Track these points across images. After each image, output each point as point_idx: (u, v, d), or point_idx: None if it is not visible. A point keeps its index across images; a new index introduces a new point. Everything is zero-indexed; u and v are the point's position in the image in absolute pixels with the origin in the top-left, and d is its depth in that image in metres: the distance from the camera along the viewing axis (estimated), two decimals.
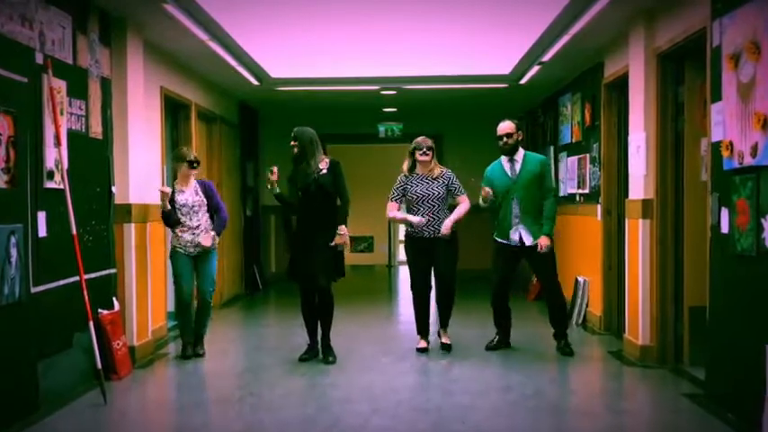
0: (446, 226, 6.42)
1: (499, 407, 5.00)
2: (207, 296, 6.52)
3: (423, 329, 6.72)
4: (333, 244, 6.10)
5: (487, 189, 6.45)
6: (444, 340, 6.73)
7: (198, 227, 6.39)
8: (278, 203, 6.48)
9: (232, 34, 6.93)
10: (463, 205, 6.56)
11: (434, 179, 6.55)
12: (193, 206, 6.38)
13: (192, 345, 6.50)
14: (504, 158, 6.56)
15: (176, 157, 6.58)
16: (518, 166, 6.48)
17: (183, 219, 6.35)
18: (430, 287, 6.67)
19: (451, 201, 6.64)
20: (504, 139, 6.47)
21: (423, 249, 6.53)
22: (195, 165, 6.50)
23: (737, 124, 4.49)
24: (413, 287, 6.68)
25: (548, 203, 6.47)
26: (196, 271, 6.48)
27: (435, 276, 6.63)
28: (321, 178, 6.12)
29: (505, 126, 6.51)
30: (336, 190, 6.17)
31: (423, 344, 6.69)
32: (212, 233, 6.42)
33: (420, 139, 6.61)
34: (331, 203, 6.19)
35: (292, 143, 6.17)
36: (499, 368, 6.15)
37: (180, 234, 6.39)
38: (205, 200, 6.45)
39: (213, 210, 6.51)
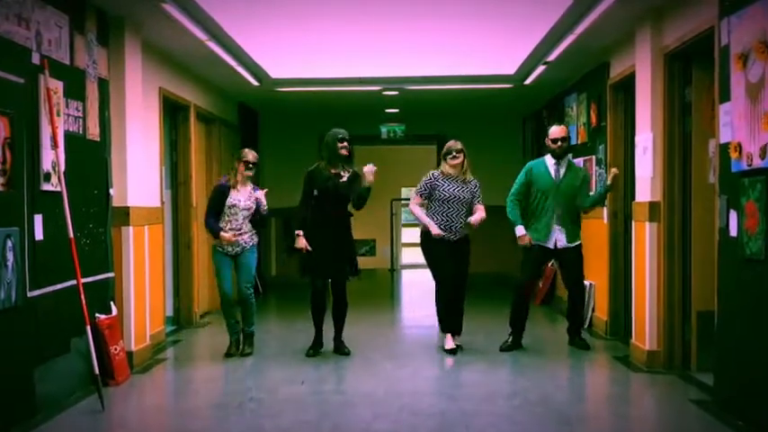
0: (476, 221, 6.53)
1: (504, 413, 4.92)
2: (244, 291, 6.57)
3: (449, 326, 6.72)
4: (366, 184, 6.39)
5: (529, 239, 6.66)
6: (456, 342, 6.81)
7: (239, 229, 6.49)
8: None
9: (231, 34, 6.87)
10: (481, 212, 6.64)
11: (464, 183, 6.64)
12: (243, 210, 6.49)
13: (235, 344, 6.56)
14: (550, 160, 6.75)
15: (237, 157, 6.69)
16: (562, 171, 6.69)
17: (227, 218, 6.47)
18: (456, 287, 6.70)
19: None
20: (559, 142, 6.70)
21: (449, 250, 6.60)
22: (251, 166, 6.58)
23: (746, 125, 4.43)
24: (443, 285, 6.63)
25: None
26: (236, 267, 6.60)
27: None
28: (340, 184, 6.41)
29: (560, 130, 6.79)
30: (351, 196, 6.50)
31: (453, 344, 6.67)
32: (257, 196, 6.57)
33: (450, 143, 6.75)
34: (345, 207, 6.55)
35: (347, 144, 6.47)
36: (505, 373, 6.09)
37: (221, 234, 6.46)
38: (254, 205, 6.55)
39: (259, 214, 6.63)
